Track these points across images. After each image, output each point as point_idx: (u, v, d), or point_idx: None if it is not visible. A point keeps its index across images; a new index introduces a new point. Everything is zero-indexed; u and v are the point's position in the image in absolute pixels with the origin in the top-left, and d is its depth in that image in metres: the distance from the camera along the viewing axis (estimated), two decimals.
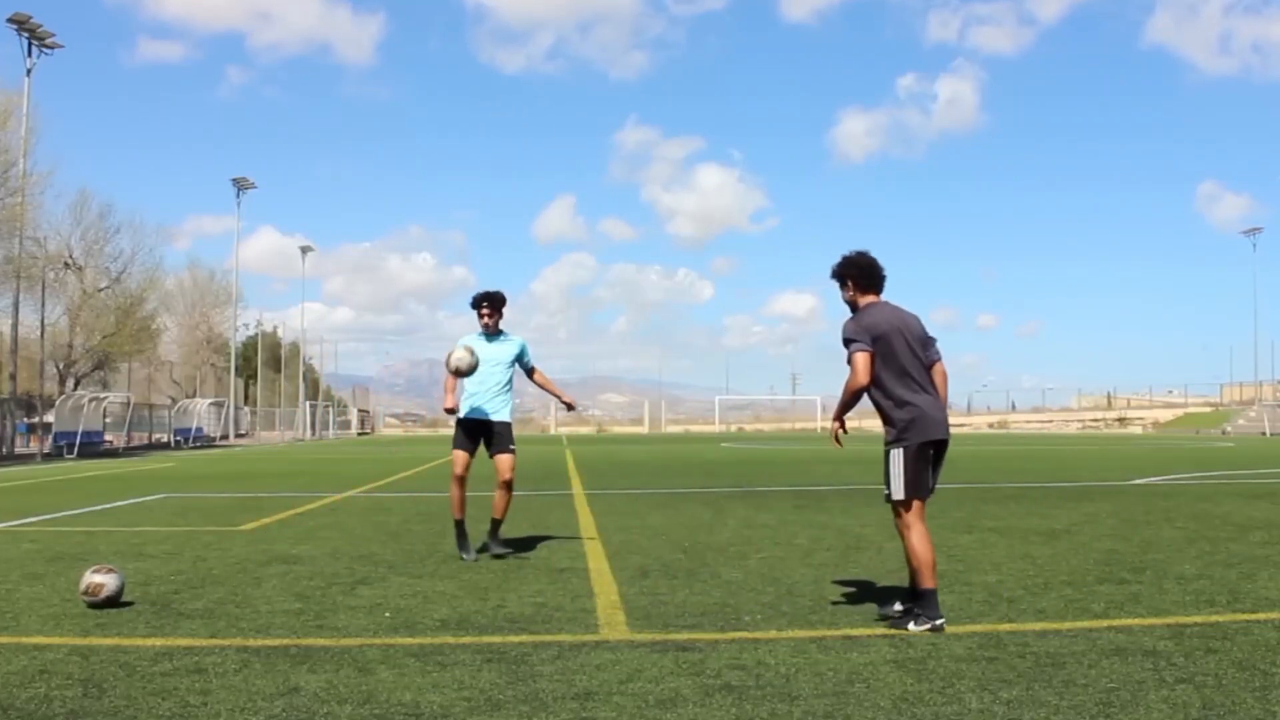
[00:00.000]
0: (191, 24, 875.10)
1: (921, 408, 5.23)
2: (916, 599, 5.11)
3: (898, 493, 5.21)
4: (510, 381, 7.88)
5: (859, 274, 5.46)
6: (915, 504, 5.22)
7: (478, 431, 7.80)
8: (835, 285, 5.57)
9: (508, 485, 7.84)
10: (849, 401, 5.36)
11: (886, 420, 5.30)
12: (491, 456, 7.85)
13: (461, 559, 7.55)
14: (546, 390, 8.42)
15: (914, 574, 5.16)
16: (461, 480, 7.73)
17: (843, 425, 5.67)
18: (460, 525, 7.73)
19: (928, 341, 5.44)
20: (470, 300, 7.90)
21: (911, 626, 5.02)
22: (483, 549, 7.80)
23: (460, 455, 7.73)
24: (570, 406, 8.54)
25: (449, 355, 7.53)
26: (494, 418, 7.78)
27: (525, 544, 8.43)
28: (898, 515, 5.27)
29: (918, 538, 5.17)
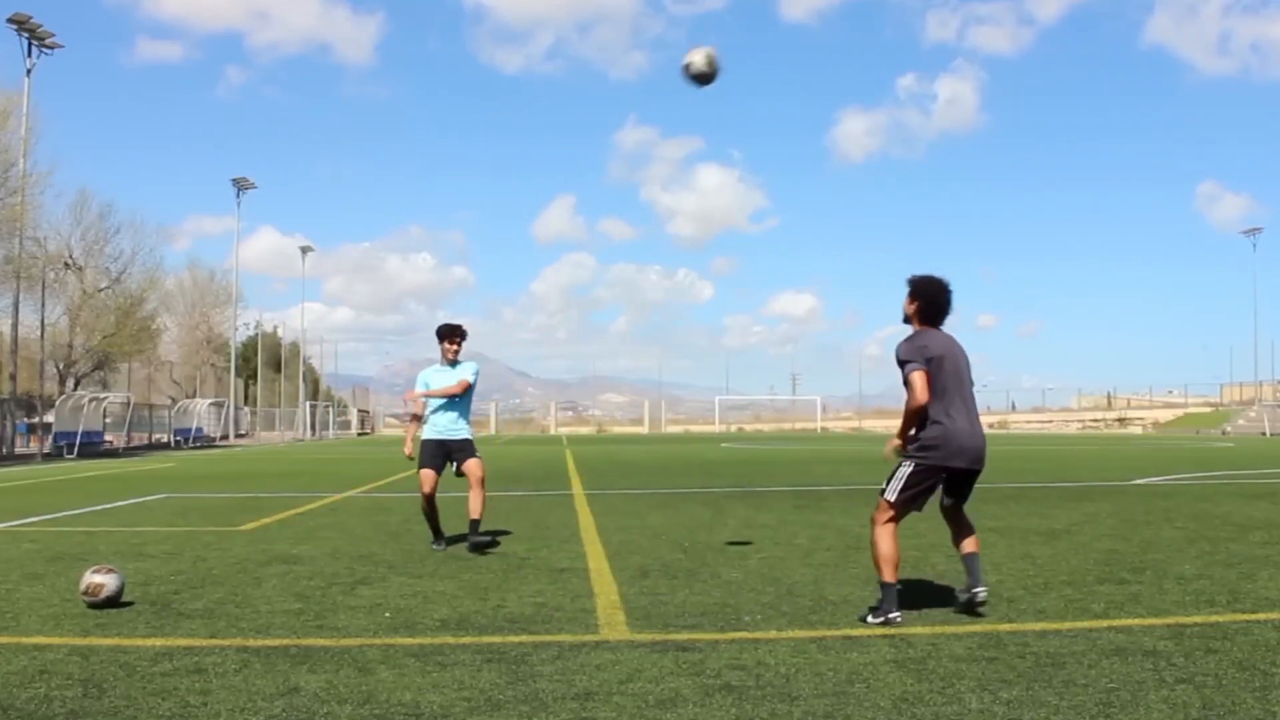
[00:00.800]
0: (190, 23, 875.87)
1: (950, 432, 5.23)
2: (882, 590, 5.19)
3: (890, 494, 5.30)
4: (469, 405, 8.46)
5: (927, 302, 5.45)
6: (897, 511, 5.30)
7: (441, 450, 8.30)
8: (887, 294, 5.63)
9: (480, 483, 8.24)
10: (910, 421, 5.29)
11: (914, 433, 5.32)
12: (459, 469, 8.28)
13: (433, 548, 8.16)
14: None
15: (876, 567, 5.25)
16: (430, 498, 8.22)
17: (904, 445, 5.43)
18: (436, 532, 8.37)
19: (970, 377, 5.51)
20: (438, 331, 8.41)
21: (869, 619, 5.13)
22: (462, 540, 8.08)
23: (428, 474, 8.26)
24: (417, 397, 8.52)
25: (696, 62, 7.03)
26: (455, 437, 8.32)
27: (525, 544, 8.43)
28: (877, 509, 5.35)
29: (884, 536, 5.24)
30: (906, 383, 5.24)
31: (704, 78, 7.03)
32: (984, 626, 5.13)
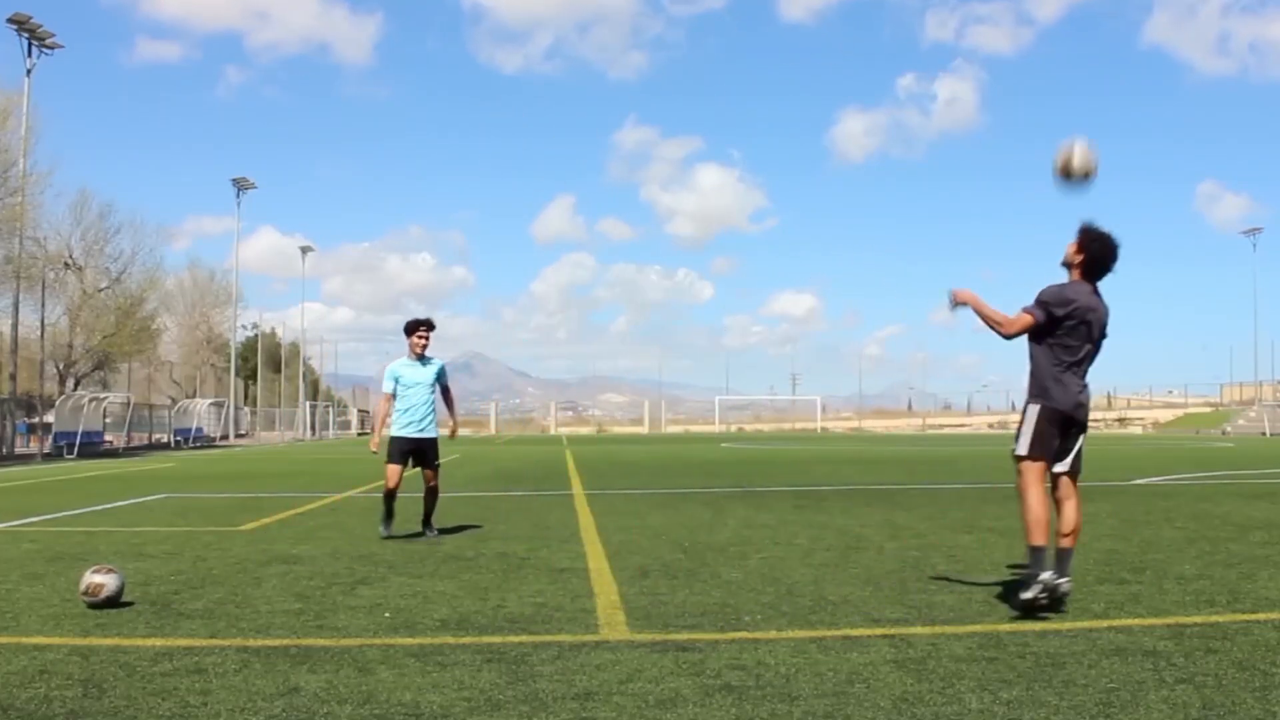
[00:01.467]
0: (189, 23, 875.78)
1: (1065, 384, 5.39)
2: (1030, 555, 5.24)
3: (1021, 448, 5.39)
4: (434, 400, 8.71)
5: (1093, 260, 5.47)
6: (1036, 465, 5.37)
7: (409, 447, 8.56)
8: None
9: (434, 490, 8.83)
10: (992, 316, 5.42)
11: (1033, 379, 5.47)
12: (419, 467, 8.69)
13: (381, 532, 8.54)
14: (446, 405, 9.30)
15: (1026, 530, 5.29)
16: (392, 494, 8.56)
17: (964, 300, 5.52)
18: (389, 516, 8.72)
19: (1102, 339, 5.56)
20: (406, 326, 8.60)
21: (1022, 596, 5.18)
22: (418, 535, 8.43)
23: (394, 469, 8.54)
24: (451, 434, 9.45)
25: (1072, 156, 5.75)
26: (425, 435, 8.65)
27: (525, 544, 8.43)
28: (1019, 474, 5.41)
29: (1034, 497, 5.31)
30: (1024, 309, 5.38)
31: (1083, 174, 5.87)
32: (984, 626, 5.13)
